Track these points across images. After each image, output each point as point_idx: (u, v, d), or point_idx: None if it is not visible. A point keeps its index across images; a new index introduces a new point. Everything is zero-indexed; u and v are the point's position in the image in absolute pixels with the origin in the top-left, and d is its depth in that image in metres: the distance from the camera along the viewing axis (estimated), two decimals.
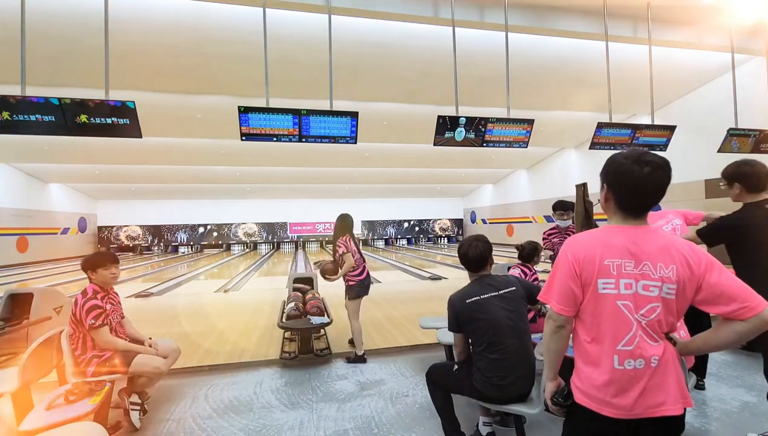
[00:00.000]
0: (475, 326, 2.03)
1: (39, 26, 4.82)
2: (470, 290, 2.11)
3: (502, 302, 2.04)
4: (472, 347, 2.10)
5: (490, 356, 1.98)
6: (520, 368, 1.98)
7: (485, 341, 2.00)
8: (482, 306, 2.02)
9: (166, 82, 7.19)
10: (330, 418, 2.62)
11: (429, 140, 4.62)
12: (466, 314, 2.04)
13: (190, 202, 20.47)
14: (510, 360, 1.97)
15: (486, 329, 2.00)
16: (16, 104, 3.27)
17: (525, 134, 4.76)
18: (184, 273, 11.63)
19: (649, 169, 1.15)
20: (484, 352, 2.00)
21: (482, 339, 2.02)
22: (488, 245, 2.18)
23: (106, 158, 12.54)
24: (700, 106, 8.79)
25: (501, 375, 1.96)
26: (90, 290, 2.55)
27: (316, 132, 4.02)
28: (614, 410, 1.14)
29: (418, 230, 23.50)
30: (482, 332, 2.02)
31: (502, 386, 1.96)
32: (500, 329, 1.98)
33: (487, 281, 2.12)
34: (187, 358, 3.53)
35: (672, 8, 5.20)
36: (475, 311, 2.02)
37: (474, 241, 2.16)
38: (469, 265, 2.16)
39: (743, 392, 2.85)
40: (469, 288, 2.13)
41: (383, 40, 5.87)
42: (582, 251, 1.21)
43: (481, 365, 2.02)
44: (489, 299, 2.04)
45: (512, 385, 1.96)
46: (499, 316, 2.00)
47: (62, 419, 1.88)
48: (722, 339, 1.14)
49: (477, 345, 2.05)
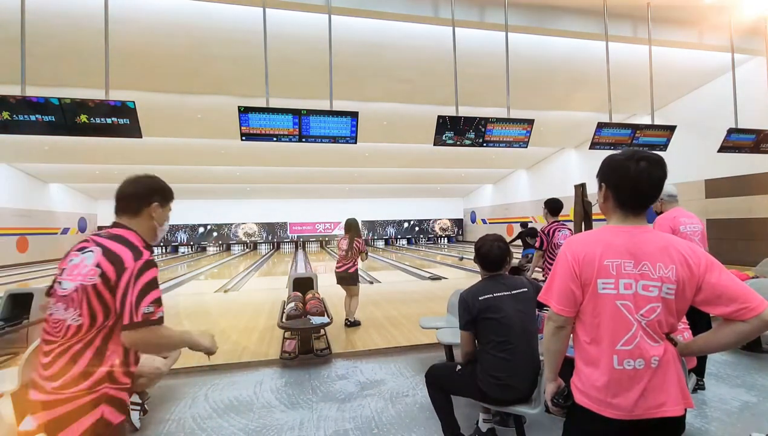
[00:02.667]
0: (487, 324, 2.00)
1: (39, 26, 4.82)
2: (483, 287, 2.08)
3: (514, 301, 2.03)
4: (479, 344, 2.07)
5: (498, 354, 1.96)
6: (526, 369, 1.97)
7: (494, 340, 1.98)
8: (496, 305, 1.99)
9: (166, 82, 7.19)
10: (330, 418, 2.62)
11: (429, 140, 4.62)
12: (479, 312, 2.00)
13: (190, 202, 20.48)
14: (517, 361, 1.95)
15: (497, 327, 1.97)
16: (16, 104, 3.27)
17: (525, 134, 4.76)
18: (184, 273, 11.63)
19: (645, 163, 1.17)
20: (492, 350, 1.98)
21: (491, 337, 1.99)
22: (507, 246, 2.17)
23: (106, 158, 12.54)
24: (700, 106, 8.79)
25: (506, 375, 1.95)
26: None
27: (316, 132, 4.02)
28: (614, 411, 1.14)
29: (418, 230, 23.50)
30: (492, 331, 1.99)
31: (506, 386, 1.95)
32: (512, 329, 1.97)
33: (500, 280, 2.10)
34: (187, 358, 3.52)
35: (672, 8, 5.20)
36: (489, 309, 1.99)
37: (495, 241, 2.13)
38: (488, 264, 2.13)
39: (743, 392, 2.85)
40: (481, 285, 2.10)
41: (383, 40, 5.88)
42: (581, 251, 1.21)
43: (487, 363, 2.00)
44: (502, 297, 2.01)
45: (516, 386, 1.95)
46: (512, 316, 1.98)
47: None
48: (723, 340, 1.14)
49: (485, 343, 2.02)
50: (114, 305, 1.24)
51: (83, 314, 1.22)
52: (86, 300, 1.22)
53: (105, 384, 1.23)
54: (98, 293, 1.22)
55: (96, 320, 1.23)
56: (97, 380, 1.22)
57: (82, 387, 1.20)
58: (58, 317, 1.24)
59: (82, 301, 1.22)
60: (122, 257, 1.27)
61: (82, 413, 1.20)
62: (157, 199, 1.45)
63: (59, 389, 1.19)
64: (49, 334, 1.25)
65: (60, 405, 1.19)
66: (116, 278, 1.23)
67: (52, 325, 1.24)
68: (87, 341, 1.23)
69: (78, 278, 1.25)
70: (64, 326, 1.22)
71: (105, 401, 1.23)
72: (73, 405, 1.19)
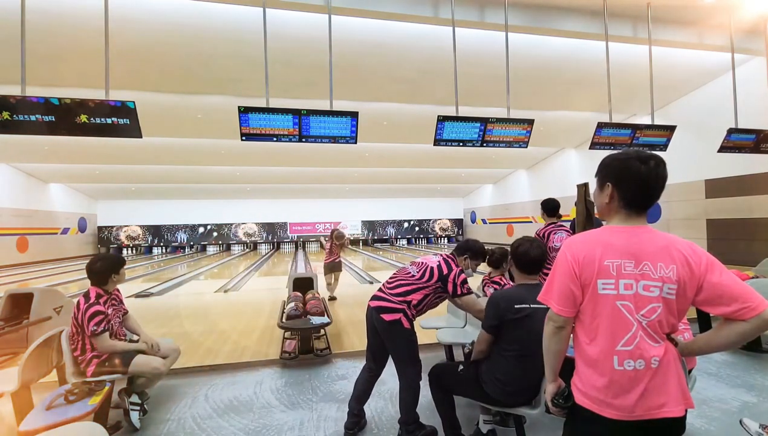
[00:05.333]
0: (516, 334, 1.89)
1: (39, 26, 4.82)
2: (519, 294, 1.94)
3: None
4: (497, 346, 1.99)
5: (514, 363, 1.91)
6: (537, 379, 1.92)
7: (517, 350, 1.90)
8: (530, 317, 1.86)
9: (166, 82, 7.19)
10: (330, 418, 2.62)
11: (429, 140, 4.62)
12: (510, 320, 1.89)
13: (190, 202, 20.48)
14: (529, 374, 1.90)
15: (525, 340, 1.86)
16: (16, 104, 3.27)
17: (525, 134, 4.76)
18: (184, 273, 11.63)
19: (654, 162, 1.18)
20: (510, 358, 1.92)
21: (514, 347, 1.91)
22: (546, 248, 2.10)
23: (106, 158, 12.54)
24: (700, 106, 8.79)
25: (516, 386, 1.91)
26: (93, 294, 2.50)
27: (316, 132, 4.02)
28: (615, 412, 1.14)
29: (418, 229, 23.49)
30: (517, 341, 1.89)
31: (512, 393, 1.93)
32: (538, 346, 1.84)
33: (535, 291, 1.92)
34: (188, 358, 3.53)
35: (672, 8, 5.20)
36: (522, 322, 1.87)
37: (533, 241, 2.03)
38: (526, 265, 2.00)
39: (743, 392, 2.85)
40: (517, 291, 1.97)
41: (383, 40, 5.87)
42: (581, 251, 1.21)
43: (497, 367, 1.94)
44: (538, 311, 1.84)
45: (522, 394, 1.94)
46: (541, 332, 1.87)
47: (62, 419, 1.88)
48: (724, 340, 1.14)
49: (504, 349, 1.94)
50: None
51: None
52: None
53: None
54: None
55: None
56: None
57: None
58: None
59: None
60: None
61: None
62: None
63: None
64: None
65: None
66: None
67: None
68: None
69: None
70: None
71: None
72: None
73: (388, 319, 2.26)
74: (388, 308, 2.29)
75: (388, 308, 2.29)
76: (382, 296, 2.37)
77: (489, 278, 3.26)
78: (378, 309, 2.31)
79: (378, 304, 2.34)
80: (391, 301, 2.31)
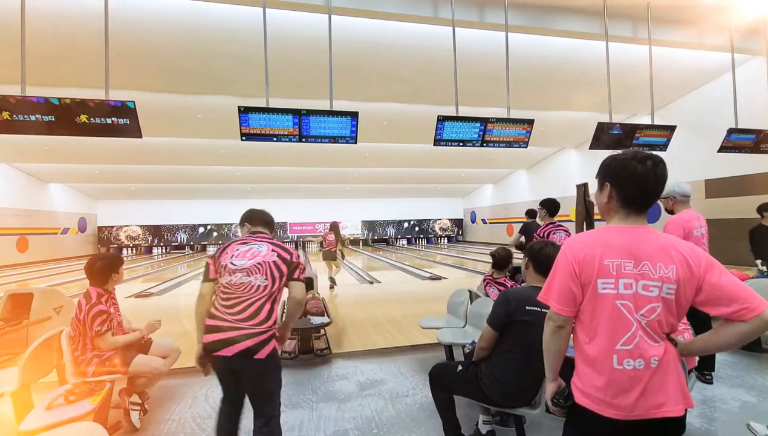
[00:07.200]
0: (523, 335, 1.86)
1: (39, 26, 4.82)
2: (533, 296, 1.85)
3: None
4: (500, 345, 1.97)
5: (516, 365, 1.90)
6: (537, 380, 1.92)
7: (519, 354, 1.88)
8: (540, 320, 1.80)
9: (166, 82, 7.19)
10: (330, 418, 2.61)
11: (429, 140, 4.62)
12: (520, 320, 1.86)
13: (190, 202, 20.47)
14: (530, 378, 1.90)
15: (532, 342, 1.79)
16: (16, 104, 3.27)
17: (525, 134, 4.76)
18: (184, 273, 11.63)
19: (652, 162, 1.19)
20: (512, 360, 1.90)
21: (518, 350, 1.89)
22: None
23: (106, 158, 12.54)
24: (700, 106, 8.79)
25: (516, 390, 1.91)
26: (94, 294, 2.50)
27: (316, 132, 4.02)
28: (615, 411, 1.14)
29: (418, 229, 23.49)
30: (523, 343, 1.86)
31: (512, 395, 1.93)
32: (541, 353, 1.80)
33: None
34: (187, 358, 3.51)
35: (672, 8, 5.20)
36: (531, 324, 1.82)
37: (554, 244, 2.00)
38: (542, 265, 1.95)
39: (743, 392, 2.85)
40: (530, 292, 1.89)
41: (383, 40, 5.87)
42: (581, 251, 1.21)
43: (498, 368, 1.94)
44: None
45: (522, 396, 1.94)
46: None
47: (62, 419, 1.88)
48: (723, 340, 1.14)
49: (508, 350, 1.93)
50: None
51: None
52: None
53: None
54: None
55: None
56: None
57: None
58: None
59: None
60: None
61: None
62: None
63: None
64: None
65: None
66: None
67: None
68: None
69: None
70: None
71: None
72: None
73: (264, 356, 1.76)
74: (259, 343, 1.75)
75: (258, 342, 1.75)
76: (238, 330, 1.75)
77: (492, 278, 3.27)
78: (246, 352, 1.73)
79: (243, 346, 1.73)
80: (256, 332, 1.77)
